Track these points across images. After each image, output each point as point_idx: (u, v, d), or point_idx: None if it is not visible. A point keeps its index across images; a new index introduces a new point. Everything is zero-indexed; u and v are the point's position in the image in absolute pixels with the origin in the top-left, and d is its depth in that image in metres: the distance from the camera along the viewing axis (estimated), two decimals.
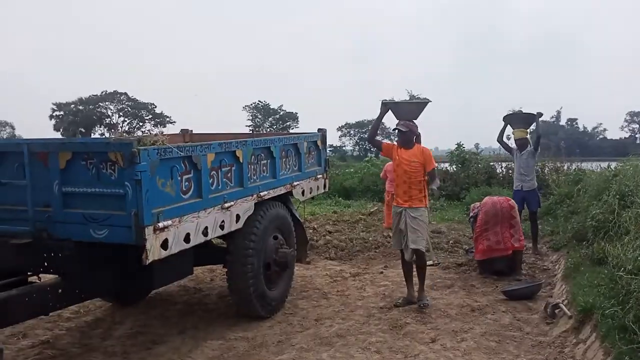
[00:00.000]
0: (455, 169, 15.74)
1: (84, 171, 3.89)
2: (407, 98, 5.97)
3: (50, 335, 4.94)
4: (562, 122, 74.23)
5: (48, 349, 4.58)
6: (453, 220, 11.03)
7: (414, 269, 5.82)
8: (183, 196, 4.20)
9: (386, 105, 5.85)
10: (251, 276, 4.98)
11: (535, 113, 7.61)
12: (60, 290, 3.93)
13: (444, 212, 12.23)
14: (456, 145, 16.23)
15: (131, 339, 4.84)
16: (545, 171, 13.91)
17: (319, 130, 6.91)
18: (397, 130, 5.74)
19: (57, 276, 4.03)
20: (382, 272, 7.09)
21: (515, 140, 7.35)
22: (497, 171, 15.55)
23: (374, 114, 5.70)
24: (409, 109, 5.82)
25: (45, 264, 3.97)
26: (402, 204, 5.62)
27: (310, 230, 9.12)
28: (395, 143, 5.85)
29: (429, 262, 7.48)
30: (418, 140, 5.81)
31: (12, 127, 61.60)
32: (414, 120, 5.78)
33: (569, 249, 7.06)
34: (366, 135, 6.79)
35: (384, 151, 5.98)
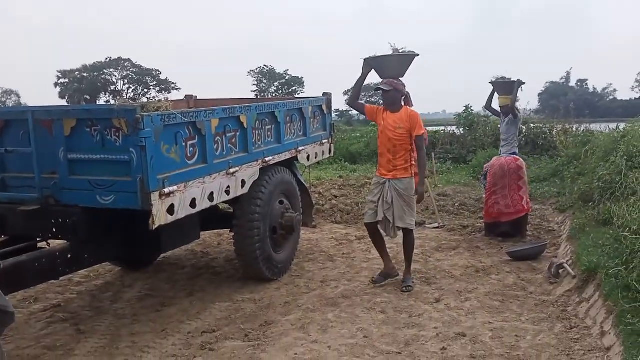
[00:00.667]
0: (462, 132, 15.64)
1: (88, 138, 3.90)
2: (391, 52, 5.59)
3: (61, 299, 5.06)
4: (572, 83, 73.07)
5: (59, 312, 4.70)
6: (459, 183, 11.03)
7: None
8: (188, 162, 4.21)
9: (368, 63, 5.20)
10: (258, 240, 5.04)
11: (516, 80, 7.42)
12: (69, 256, 4.00)
13: (450, 175, 12.22)
14: (464, 108, 16.07)
15: (140, 301, 4.95)
16: (554, 132, 13.80)
17: (324, 94, 6.85)
18: (379, 90, 5.09)
19: (65, 242, 4.09)
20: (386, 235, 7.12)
21: (499, 106, 7.21)
22: None
23: (378, 77, 5.32)
24: (393, 65, 5.21)
25: (54, 230, 4.03)
26: (386, 174, 5.06)
27: (316, 195, 9.16)
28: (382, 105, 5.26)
29: (434, 225, 7.53)
30: (408, 102, 5.18)
31: (18, 96, 61.61)
32: (401, 78, 5.17)
33: (575, 210, 7.06)
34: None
35: (368, 115, 5.35)
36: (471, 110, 15.93)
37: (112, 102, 58.69)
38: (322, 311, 4.59)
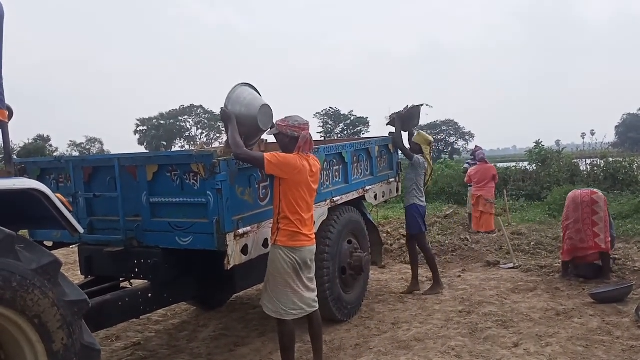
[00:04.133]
0: (534, 168, 15.12)
1: (169, 182, 4.13)
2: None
3: (141, 337, 5.27)
4: None
5: (139, 350, 4.89)
6: (534, 221, 10.61)
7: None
8: (261, 203, 4.35)
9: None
10: (327, 280, 5.06)
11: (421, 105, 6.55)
12: (149, 295, 4.18)
13: (524, 213, 11.78)
14: (535, 144, 15.60)
15: (215, 341, 5.06)
16: (634, 167, 13.07)
17: (390, 134, 6.90)
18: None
19: (146, 281, 4.29)
20: (459, 276, 6.94)
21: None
22: (581, 169, 14.79)
23: (446, 116, 5.49)
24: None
25: (136, 269, 4.24)
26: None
27: (384, 234, 9.09)
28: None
29: (509, 265, 7.24)
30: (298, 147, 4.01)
31: (101, 143, 65.93)
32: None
33: None
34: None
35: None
36: (542, 145, 15.42)
37: (187, 147, 61.62)
38: (395, 354, 4.50)
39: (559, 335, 4.72)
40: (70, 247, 5.19)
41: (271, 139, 7.73)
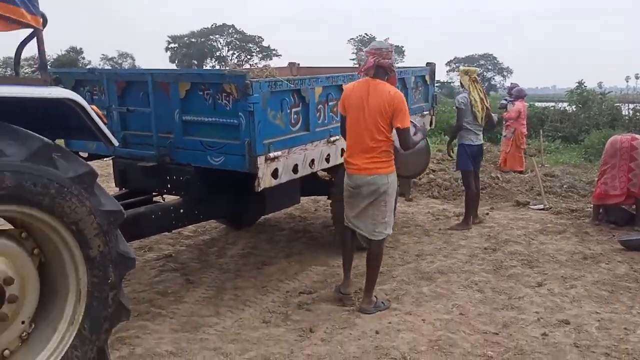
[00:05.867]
0: (574, 109, 14.59)
1: (201, 101, 4.10)
2: None
3: (172, 250, 5.46)
4: None
5: (171, 262, 5.08)
6: (569, 163, 10.35)
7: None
8: (292, 128, 4.32)
9: None
10: None
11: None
12: (181, 210, 4.27)
13: (558, 155, 11.50)
14: (577, 84, 14.95)
15: (243, 258, 5.21)
16: None
17: (428, 64, 6.65)
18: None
19: (178, 197, 4.37)
20: (487, 214, 6.89)
21: None
22: (623, 113, 14.21)
23: (485, 48, 5.11)
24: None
25: (168, 185, 4.33)
26: None
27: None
28: None
29: (539, 206, 7.15)
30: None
31: (133, 58, 65.72)
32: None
33: None
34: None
35: None
36: (584, 86, 14.77)
37: (217, 67, 61.15)
38: (417, 284, 4.57)
39: (585, 278, 4.70)
40: (105, 159, 5.28)
41: (302, 62, 7.63)
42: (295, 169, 4.32)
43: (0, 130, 2.39)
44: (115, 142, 3.03)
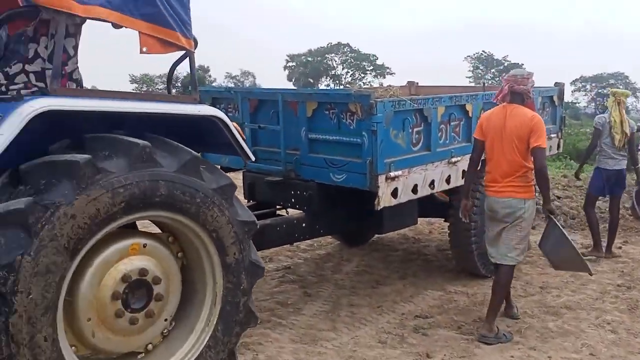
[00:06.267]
0: None
1: (326, 120, 4.25)
2: None
3: (291, 262, 5.66)
4: None
5: (289, 273, 5.27)
6: None
7: None
8: (413, 148, 4.33)
9: None
10: (474, 233, 4.92)
11: None
12: (304, 224, 4.43)
13: None
14: None
15: (357, 275, 5.27)
16: None
17: (556, 84, 6.31)
18: None
19: (301, 211, 4.53)
20: (620, 247, 6.33)
21: None
22: None
23: (615, 67, 4.77)
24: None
25: (292, 200, 4.51)
26: None
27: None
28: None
29: None
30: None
31: (254, 77, 69.41)
32: None
33: None
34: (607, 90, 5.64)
35: None
36: None
37: (332, 85, 62.65)
38: (542, 319, 4.30)
39: None
40: (233, 172, 5.62)
41: (419, 80, 7.61)
42: (414, 189, 4.31)
43: (156, 143, 2.66)
44: (253, 158, 3.25)
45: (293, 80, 63.24)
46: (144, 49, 2.71)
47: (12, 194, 2.32)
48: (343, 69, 65.60)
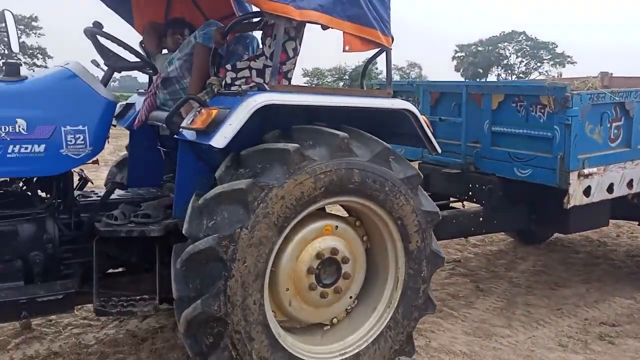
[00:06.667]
0: None
1: (513, 113, 4.13)
2: None
3: (460, 256, 5.61)
4: None
5: (460, 267, 5.24)
6: None
7: None
8: (610, 144, 4.05)
9: None
10: None
11: None
12: (480, 219, 4.35)
13: None
14: None
15: (534, 275, 5.04)
16: None
17: None
18: None
19: (478, 205, 4.47)
20: None
21: None
22: None
23: None
24: None
25: (470, 193, 4.46)
26: None
27: None
28: None
29: None
30: None
31: (420, 68, 68.61)
32: None
33: None
34: None
35: None
36: None
37: (503, 76, 59.34)
38: None
39: None
40: None
41: (616, 72, 6.89)
42: (610, 189, 4.02)
43: (352, 134, 2.86)
44: (439, 150, 3.31)
45: (461, 70, 61.19)
46: (347, 48, 2.91)
47: (233, 175, 2.69)
48: (517, 58, 61.63)
